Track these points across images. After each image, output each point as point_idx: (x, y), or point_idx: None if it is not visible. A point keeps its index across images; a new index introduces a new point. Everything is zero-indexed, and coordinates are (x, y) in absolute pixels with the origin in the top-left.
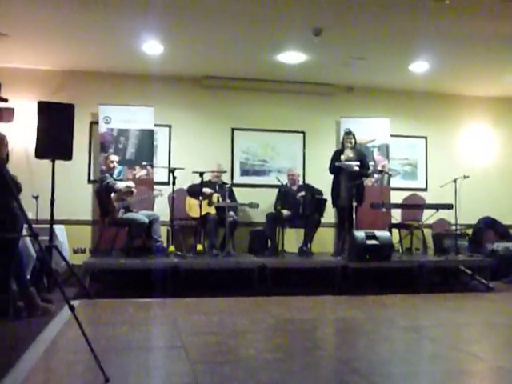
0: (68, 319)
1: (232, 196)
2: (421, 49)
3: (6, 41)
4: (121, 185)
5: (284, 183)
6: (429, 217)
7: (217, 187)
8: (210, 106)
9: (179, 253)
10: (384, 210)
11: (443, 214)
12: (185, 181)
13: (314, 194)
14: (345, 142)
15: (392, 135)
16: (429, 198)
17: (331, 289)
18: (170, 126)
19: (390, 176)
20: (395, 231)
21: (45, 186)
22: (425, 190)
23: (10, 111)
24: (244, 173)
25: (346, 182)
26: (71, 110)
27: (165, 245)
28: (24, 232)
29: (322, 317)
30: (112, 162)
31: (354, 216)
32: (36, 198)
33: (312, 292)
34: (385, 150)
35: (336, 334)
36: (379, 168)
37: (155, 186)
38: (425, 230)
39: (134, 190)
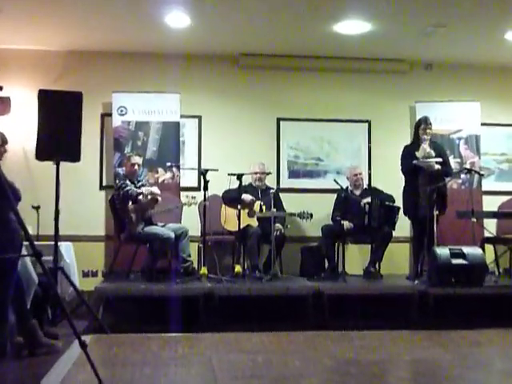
0: (78, 358)
1: (279, 204)
2: None
3: None
4: (145, 192)
5: (344, 187)
6: None
7: (259, 193)
8: (249, 92)
9: (213, 276)
10: (474, 220)
11: None
12: (219, 185)
13: (382, 200)
14: (421, 134)
15: (483, 124)
16: None
17: (406, 321)
18: (199, 118)
19: (481, 176)
20: (489, 247)
21: (48, 194)
22: None
23: (6, 101)
24: (293, 174)
25: (425, 184)
26: (79, 99)
27: (195, 266)
28: (24, 251)
29: (394, 358)
30: (134, 164)
31: (434, 228)
32: (37, 208)
33: (381, 325)
34: (474, 143)
35: (412, 381)
36: (467, 166)
37: (182, 193)
38: None
39: (160, 198)
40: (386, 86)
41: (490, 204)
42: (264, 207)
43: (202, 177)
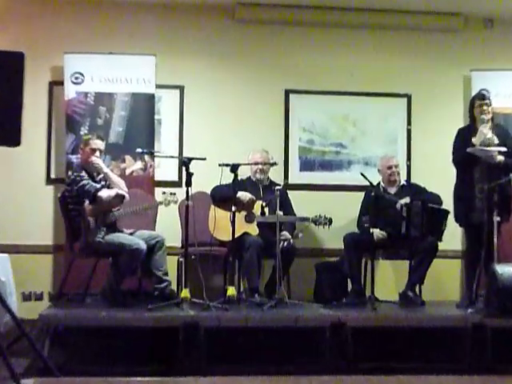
0: None
1: (287, 205)
2: None
3: None
4: (108, 191)
5: (375, 183)
6: None
7: (261, 190)
8: (248, 54)
9: (198, 301)
10: None
11: None
12: (207, 180)
13: (426, 201)
14: (477, 114)
15: None
16: None
17: (456, 363)
18: (181, 89)
19: None
20: None
21: None
22: None
23: None
24: (306, 166)
25: (483, 180)
26: (18, 61)
27: (174, 287)
28: None
29: None
30: (93, 150)
31: (495, 239)
32: None
33: (424, 368)
34: None
35: None
36: None
37: (158, 189)
38: None
39: (127, 195)
40: (431, 49)
41: None
42: (267, 209)
43: (184, 168)
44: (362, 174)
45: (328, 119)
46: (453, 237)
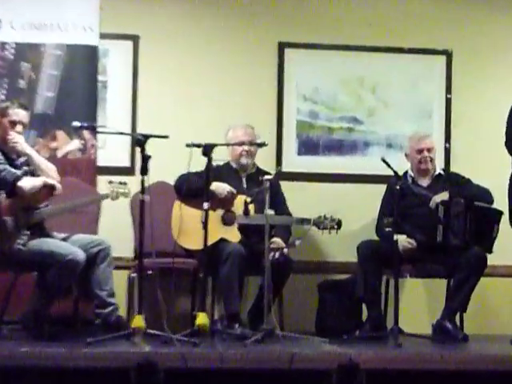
0: None
1: (279, 201)
2: None
3: None
4: (33, 180)
5: (402, 173)
6: None
7: (244, 181)
8: None
9: (156, 332)
10: None
11: None
12: (170, 165)
13: (471, 197)
14: None
15: None
16: None
17: None
18: (135, 40)
19: None
20: None
21: None
22: None
23: None
24: (307, 148)
25: None
26: None
27: (123, 313)
28: None
29: None
30: (14, 123)
31: None
32: None
33: None
34: None
35: None
36: None
37: (101, 177)
38: None
39: (59, 185)
40: None
41: None
42: (252, 207)
43: (138, 149)
44: (384, 160)
45: (337, 84)
46: (507, 247)
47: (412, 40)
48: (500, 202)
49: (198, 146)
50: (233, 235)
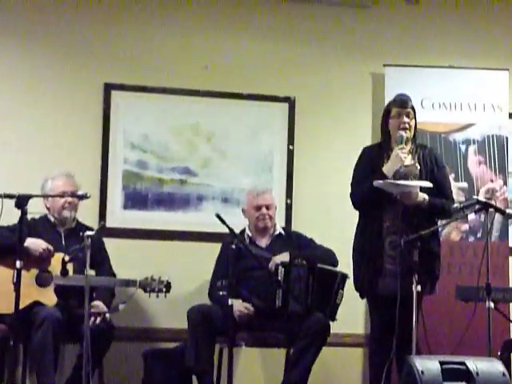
0: None
1: (102, 261)
2: None
3: None
4: None
5: (239, 231)
6: None
7: (63, 236)
8: (51, 32)
9: None
10: (491, 305)
11: None
12: None
13: (313, 259)
14: (392, 128)
15: None
16: None
17: None
18: None
19: (508, 217)
20: None
21: None
22: None
23: None
24: (135, 201)
25: (397, 231)
26: None
27: None
28: None
29: None
30: None
31: (413, 319)
32: None
33: None
34: (496, 153)
35: None
36: (481, 197)
37: None
38: None
39: None
40: (328, 34)
41: None
42: (71, 266)
43: None
44: (219, 216)
45: (169, 131)
46: (352, 314)
47: (252, 86)
48: (345, 265)
49: (11, 196)
50: (48, 298)
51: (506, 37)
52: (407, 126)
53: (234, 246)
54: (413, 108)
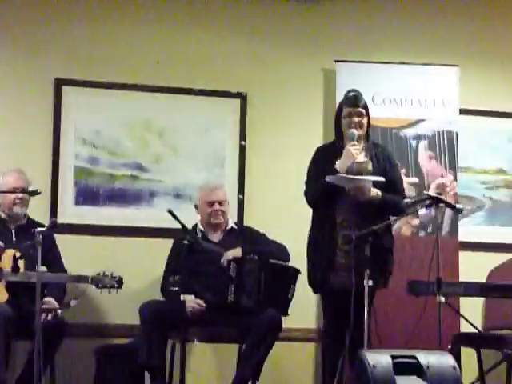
0: None
1: (54, 257)
2: None
3: None
4: None
5: (191, 226)
6: None
7: (13, 233)
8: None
9: None
10: (442, 299)
11: None
12: None
13: (265, 254)
14: (345, 126)
15: (464, 110)
16: None
17: None
18: None
19: (458, 212)
20: (468, 352)
21: None
22: None
23: None
24: (86, 197)
25: (348, 225)
26: None
27: None
28: None
29: None
30: None
31: (365, 314)
32: None
33: None
34: (446, 148)
35: None
36: (431, 192)
37: None
38: None
39: None
40: (282, 26)
41: (475, 268)
42: (22, 262)
43: None
44: (171, 212)
45: (121, 127)
46: (305, 309)
47: (204, 81)
48: (297, 260)
49: None
50: (1, 294)
51: (456, 33)
52: (358, 122)
53: (186, 242)
54: (365, 106)
